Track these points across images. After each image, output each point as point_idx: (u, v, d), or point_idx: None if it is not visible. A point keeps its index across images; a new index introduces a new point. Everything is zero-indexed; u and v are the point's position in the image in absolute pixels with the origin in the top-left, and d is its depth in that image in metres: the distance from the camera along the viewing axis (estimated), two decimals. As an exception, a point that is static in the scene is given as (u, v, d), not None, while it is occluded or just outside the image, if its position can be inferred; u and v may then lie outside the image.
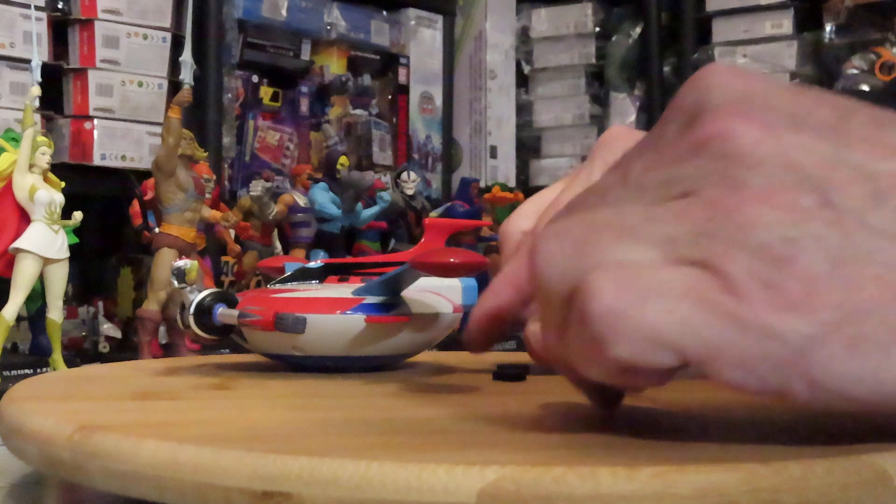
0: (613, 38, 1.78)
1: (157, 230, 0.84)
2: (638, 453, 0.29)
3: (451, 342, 0.59)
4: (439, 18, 1.56)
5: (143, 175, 0.95)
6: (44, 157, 0.74)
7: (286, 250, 1.07)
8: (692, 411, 0.37)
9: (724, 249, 0.25)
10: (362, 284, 0.50)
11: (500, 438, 0.31)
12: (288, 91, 1.32)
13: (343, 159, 1.09)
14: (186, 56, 0.90)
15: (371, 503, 0.25)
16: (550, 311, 0.28)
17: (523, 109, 1.81)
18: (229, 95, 1.23)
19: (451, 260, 0.46)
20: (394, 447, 0.29)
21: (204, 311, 0.50)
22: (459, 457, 0.27)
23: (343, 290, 0.50)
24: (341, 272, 0.55)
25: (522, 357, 0.47)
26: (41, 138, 0.75)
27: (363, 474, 0.26)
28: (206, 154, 0.95)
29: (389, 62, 1.47)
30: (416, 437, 0.32)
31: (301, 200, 1.06)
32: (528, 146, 1.84)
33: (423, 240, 0.56)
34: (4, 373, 0.74)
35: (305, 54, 1.33)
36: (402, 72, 1.48)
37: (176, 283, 0.51)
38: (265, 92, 1.29)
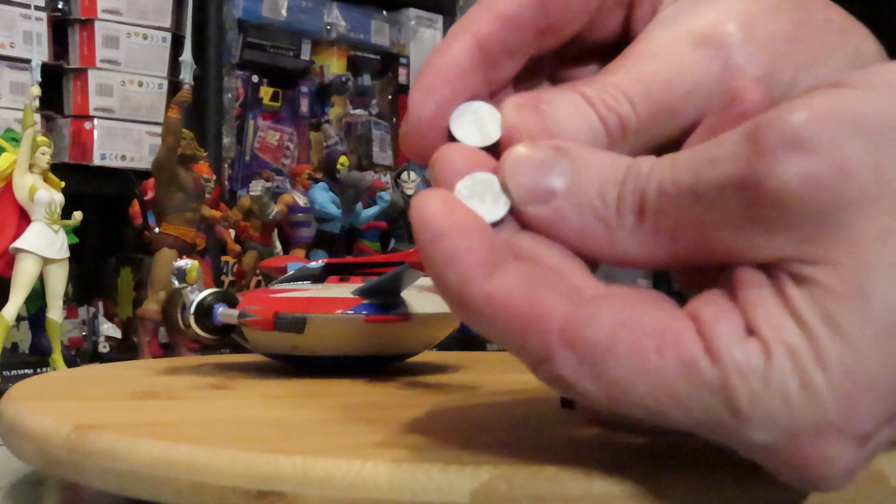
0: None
1: (157, 230, 0.84)
2: (631, 453, 0.29)
3: (451, 342, 0.59)
4: (439, 18, 1.56)
5: (143, 175, 0.95)
6: (44, 157, 0.74)
7: (286, 250, 1.07)
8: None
9: None
10: (362, 284, 0.50)
11: (494, 438, 0.31)
12: (288, 91, 1.32)
13: (343, 159, 1.09)
14: (186, 56, 0.90)
15: (365, 503, 0.26)
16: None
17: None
18: (229, 95, 1.23)
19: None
20: (388, 447, 0.29)
21: (204, 311, 0.50)
22: (453, 457, 0.27)
23: (343, 290, 0.50)
24: (341, 272, 0.55)
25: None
26: (41, 138, 0.75)
27: (357, 474, 0.26)
28: (206, 154, 0.95)
29: (389, 62, 1.47)
30: (411, 437, 0.32)
31: (301, 200, 1.06)
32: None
33: (422, 240, 0.56)
34: (4, 373, 0.74)
35: (305, 54, 1.33)
36: (402, 72, 1.48)
37: (176, 283, 0.51)
38: (265, 92, 1.29)
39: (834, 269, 0.22)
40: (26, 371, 0.75)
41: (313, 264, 0.56)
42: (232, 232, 1.04)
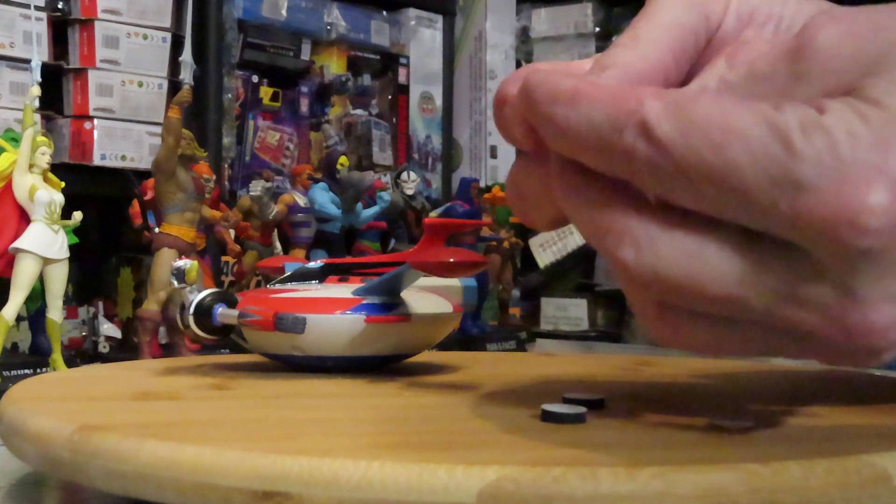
0: (613, 38, 1.79)
1: (157, 230, 0.84)
2: (638, 453, 0.29)
3: (451, 342, 0.59)
4: (439, 18, 1.55)
5: (143, 175, 0.95)
6: (44, 157, 0.74)
7: (286, 250, 1.07)
8: (692, 411, 0.37)
9: None
10: (362, 284, 0.50)
11: (501, 438, 0.31)
12: (288, 91, 1.32)
13: (343, 159, 1.09)
14: (186, 56, 0.90)
15: (371, 503, 0.26)
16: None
17: (523, 109, 1.80)
18: (229, 95, 1.23)
19: (451, 260, 0.47)
20: (394, 447, 0.29)
21: (204, 311, 0.50)
22: (459, 457, 0.27)
23: (343, 290, 0.50)
24: (341, 272, 0.55)
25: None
26: (41, 138, 0.75)
27: (363, 474, 0.26)
28: (206, 154, 0.94)
29: (389, 62, 1.47)
30: (416, 437, 0.32)
31: (301, 200, 1.05)
32: (528, 146, 1.83)
33: (422, 240, 0.56)
34: (4, 373, 0.74)
35: (305, 54, 1.33)
36: (402, 72, 1.48)
37: (176, 283, 0.51)
38: (265, 92, 1.28)
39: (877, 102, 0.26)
40: (26, 371, 0.75)
41: (312, 264, 0.56)
42: (232, 232, 1.04)
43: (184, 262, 0.51)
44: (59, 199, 0.75)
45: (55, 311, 0.75)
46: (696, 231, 0.27)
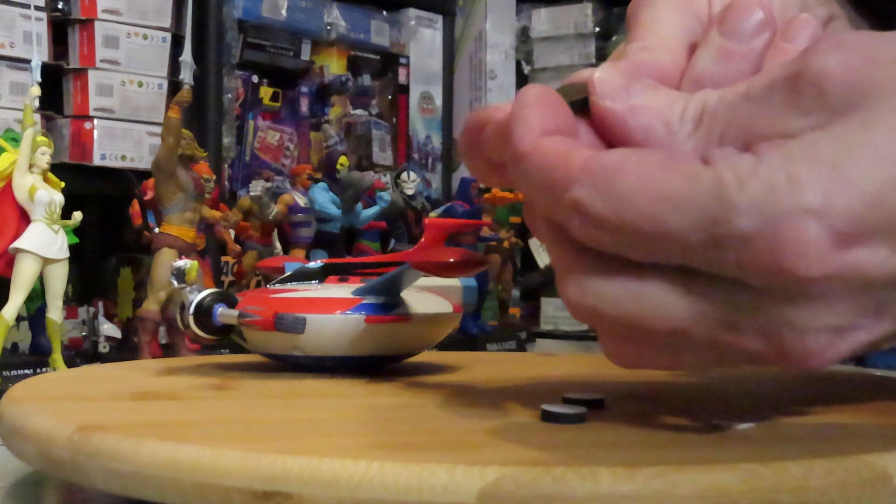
0: (613, 39, 1.78)
1: (157, 230, 0.84)
2: (638, 453, 0.29)
3: (451, 342, 0.59)
4: (439, 18, 1.55)
5: (143, 175, 0.95)
6: (44, 157, 0.74)
7: (286, 250, 1.07)
8: (692, 411, 0.37)
9: None
10: (362, 284, 0.50)
11: (501, 438, 0.31)
12: (288, 91, 1.32)
13: (343, 159, 1.09)
14: (186, 56, 0.90)
15: (371, 503, 0.26)
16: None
17: (523, 109, 1.80)
18: (229, 95, 1.23)
19: (451, 260, 0.47)
20: (394, 447, 0.29)
21: (204, 311, 0.50)
22: (459, 457, 0.27)
23: (343, 290, 0.50)
24: (341, 272, 0.55)
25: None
26: (41, 138, 0.75)
27: (363, 474, 0.26)
28: (206, 154, 0.94)
29: (389, 62, 1.47)
30: (416, 437, 0.32)
31: (301, 200, 1.06)
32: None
33: (422, 240, 0.56)
34: (4, 373, 0.74)
35: (305, 54, 1.33)
36: (402, 72, 1.48)
37: (176, 283, 0.51)
38: (265, 92, 1.28)
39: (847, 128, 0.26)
40: (26, 371, 0.75)
41: (312, 264, 0.56)
42: (232, 232, 1.04)
43: (184, 262, 0.51)
44: (59, 199, 0.75)
45: (55, 311, 0.75)
46: (637, 272, 0.28)
